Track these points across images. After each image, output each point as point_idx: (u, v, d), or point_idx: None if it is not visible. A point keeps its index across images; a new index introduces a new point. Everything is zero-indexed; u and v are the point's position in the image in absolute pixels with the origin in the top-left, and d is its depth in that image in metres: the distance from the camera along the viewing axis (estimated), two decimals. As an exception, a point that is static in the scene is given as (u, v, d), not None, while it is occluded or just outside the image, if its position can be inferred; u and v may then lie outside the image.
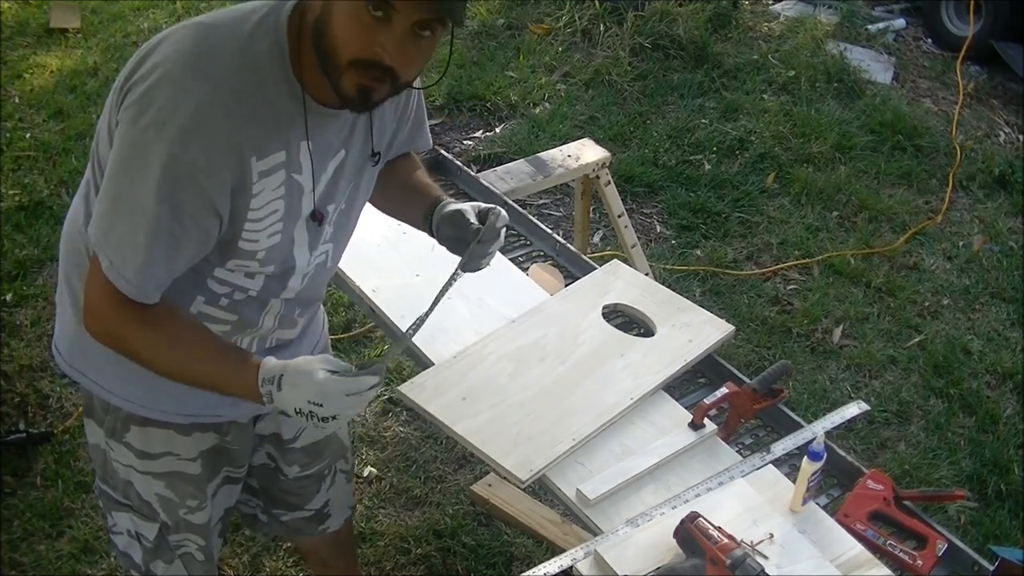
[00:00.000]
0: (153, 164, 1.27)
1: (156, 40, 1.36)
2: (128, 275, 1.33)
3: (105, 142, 1.38)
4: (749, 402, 1.83)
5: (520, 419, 1.78)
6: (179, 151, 1.27)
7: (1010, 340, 3.46)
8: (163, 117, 1.27)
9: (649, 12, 4.93)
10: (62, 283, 1.57)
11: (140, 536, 1.72)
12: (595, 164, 2.84)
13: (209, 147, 1.29)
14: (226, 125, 1.30)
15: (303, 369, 1.38)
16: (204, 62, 1.30)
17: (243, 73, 1.31)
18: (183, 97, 1.28)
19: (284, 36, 1.34)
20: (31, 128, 4.12)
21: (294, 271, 1.51)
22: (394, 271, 2.14)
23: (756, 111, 4.56)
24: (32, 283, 3.32)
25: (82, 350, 1.55)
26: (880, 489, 1.73)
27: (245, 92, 1.31)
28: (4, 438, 2.74)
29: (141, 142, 1.28)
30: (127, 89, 1.33)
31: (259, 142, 1.34)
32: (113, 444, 1.63)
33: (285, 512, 1.94)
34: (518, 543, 2.60)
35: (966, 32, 5.26)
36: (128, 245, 1.32)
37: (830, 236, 3.89)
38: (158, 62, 1.31)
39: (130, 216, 1.31)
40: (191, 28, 1.34)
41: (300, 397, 1.37)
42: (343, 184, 1.51)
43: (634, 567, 1.54)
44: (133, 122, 1.29)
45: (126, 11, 5.06)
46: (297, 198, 1.43)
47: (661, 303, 2.09)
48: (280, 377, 1.38)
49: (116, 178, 1.32)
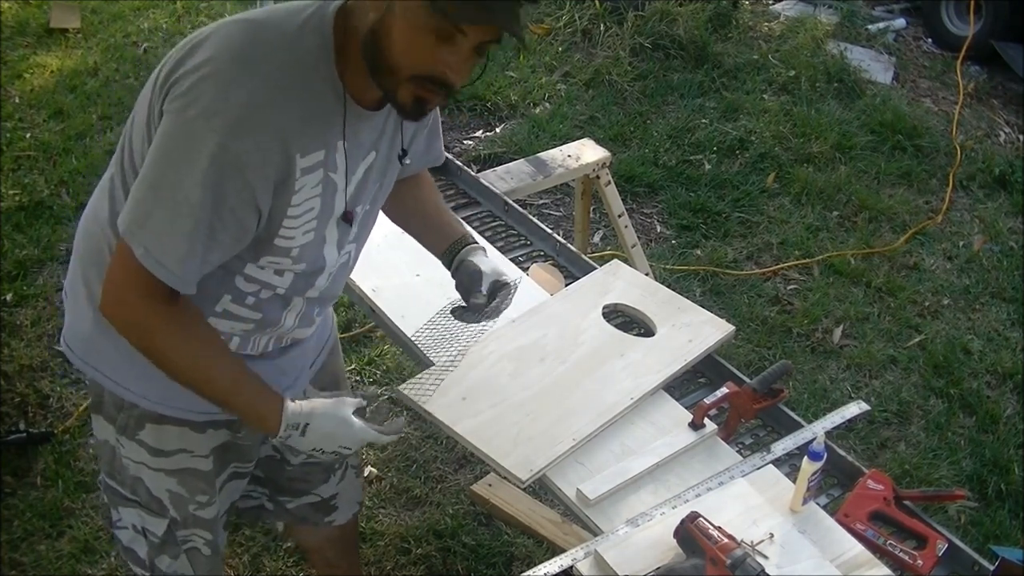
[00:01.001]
0: (201, 154, 1.28)
1: (202, 35, 1.36)
2: (169, 263, 1.33)
3: (141, 135, 1.38)
4: (749, 402, 1.83)
5: (520, 419, 1.78)
6: (229, 141, 1.28)
7: (1010, 340, 3.46)
8: (214, 109, 1.28)
9: (649, 12, 4.93)
10: (77, 280, 1.57)
11: (147, 531, 1.72)
12: (595, 164, 2.84)
13: (259, 141, 1.30)
14: (275, 120, 1.31)
15: (339, 417, 1.51)
16: (254, 57, 1.31)
17: (292, 70, 1.33)
18: (234, 90, 1.29)
19: (330, 35, 1.35)
20: (31, 128, 4.11)
21: (323, 270, 1.53)
22: (394, 271, 2.14)
23: (756, 111, 4.56)
24: (32, 283, 3.32)
25: (98, 347, 1.55)
26: (880, 489, 1.73)
27: (293, 89, 1.33)
28: (4, 438, 2.74)
29: (189, 132, 1.29)
30: (172, 82, 1.32)
31: (304, 139, 1.35)
32: (124, 441, 1.63)
33: (291, 499, 1.94)
34: (518, 543, 2.60)
35: (966, 32, 5.26)
36: (169, 234, 1.32)
37: (830, 236, 3.89)
38: (208, 57, 1.31)
39: (172, 205, 1.30)
40: (239, 24, 1.35)
41: (330, 443, 1.51)
42: (371, 185, 1.53)
43: (634, 567, 1.54)
44: (180, 112, 1.29)
45: (126, 11, 5.06)
46: (331, 196, 1.45)
47: (661, 303, 2.09)
48: (306, 425, 1.48)
49: (158, 167, 1.31)
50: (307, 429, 1.48)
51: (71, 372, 3.01)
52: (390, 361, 3.11)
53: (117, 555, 2.49)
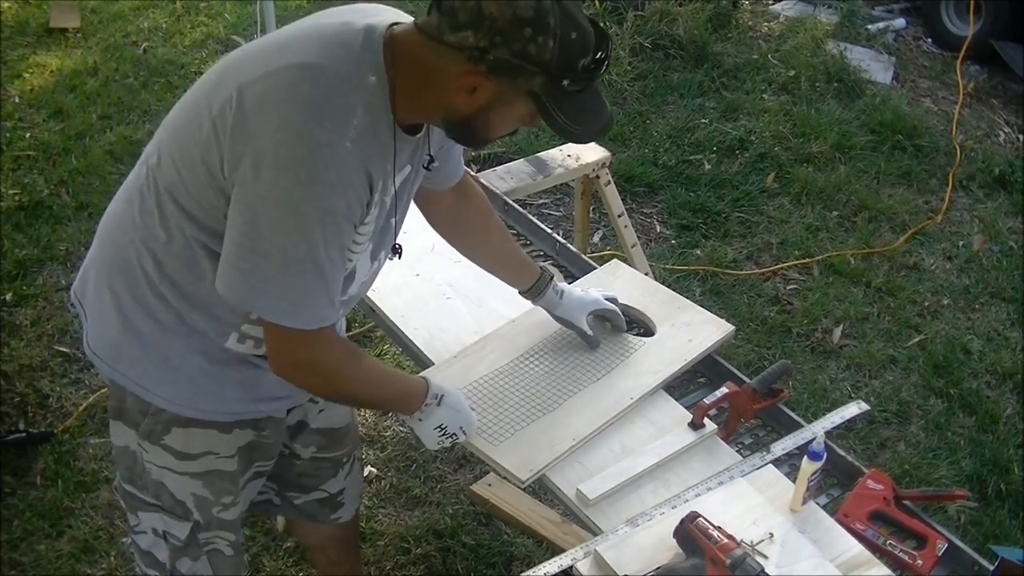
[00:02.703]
0: (310, 219, 1.33)
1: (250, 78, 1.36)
2: (313, 311, 1.40)
3: (196, 172, 1.40)
4: (749, 402, 1.83)
5: (520, 419, 1.78)
6: (331, 203, 1.34)
7: (1010, 340, 3.46)
8: (309, 175, 1.31)
9: (649, 12, 4.93)
10: (102, 287, 1.57)
11: (168, 535, 1.72)
12: (595, 164, 2.84)
13: (355, 192, 1.37)
14: (362, 167, 1.36)
15: (462, 403, 1.71)
16: (327, 110, 1.33)
17: (361, 113, 1.36)
18: (321, 152, 1.31)
19: (383, 71, 1.38)
20: (31, 128, 4.12)
21: (354, 278, 1.55)
22: (394, 270, 2.14)
23: (756, 111, 4.56)
24: (32, 283, 3.32)
25: (127, 352, 1.56)
26: (880, 489, 1.73)
27: (366, 131, 1.37)
28: (4, 438, 2.74)
29: (291, 203, 1.32)
30: (249, 144, 1.33)
31: (377, 175, 1.41)
32: (147, 446, 1.63)
33: (299, 495, 1.95)
34: (518, 543, 2.59)
35: (966, 32, 5.26)
36: (304, 294, 1.38)
37: (830, 236, 3.89)
38: (280, 115, 1.32)
39: (299, 270, 1.36)
40: (298, 72, 1.35)
41: (454, 421, 1.68)
42: (406, 197, 1.57)
43: (634, 567, 1.54)
44: (272, 182, 1.31)
45: (126, 11, 5.06)
46: (384, 217, 1.51)
47: (661, 303, 2.09)
48: (442, 397, 1.66)
49: (270, 239, 1.34)
50: (443, 400, 1.66)
51: (71, 372, 3.01)
52: (390, 361, 3.11)
53: (117, 555, 2.49)
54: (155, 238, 1.48)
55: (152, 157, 1.49)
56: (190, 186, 1.42)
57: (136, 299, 1.52)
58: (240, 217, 1.35)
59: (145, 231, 1.49)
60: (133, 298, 1.52)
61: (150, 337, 1.53)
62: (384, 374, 1.66)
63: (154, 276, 1.50)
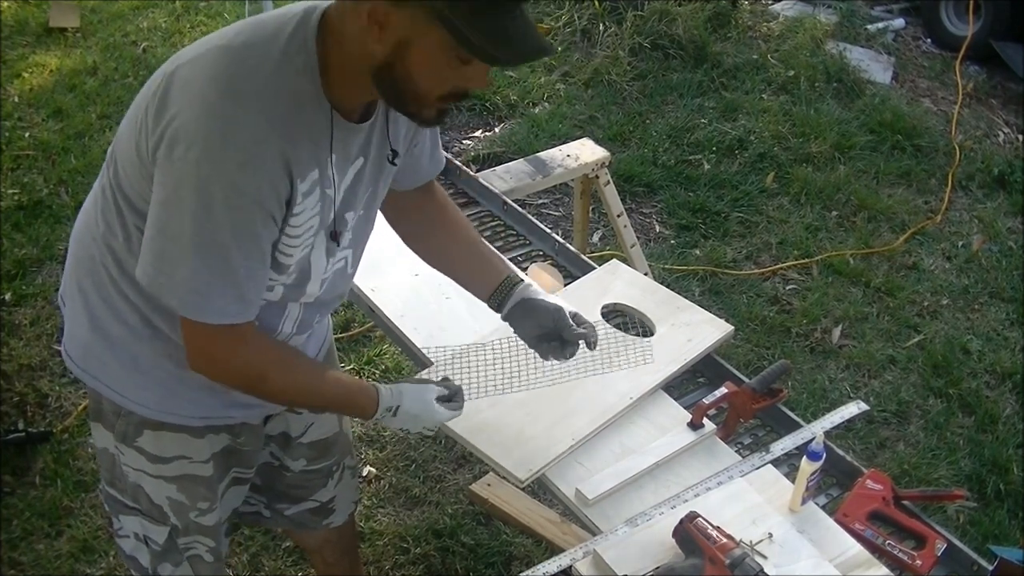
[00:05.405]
0: (215, 199, 1.28)
1: (180, 63, 1.34)
2: (227, 306, 1.36)
3: (132, 161, 1.37)
4: (748, 402, 1.83)
5: (520, 419, 1.78)
6: (240, 181, 1.28)
7: (1009, 340, 3.46)
8: (218, 153, 1.27)
9: (649, 12, 4.93)
10: (72, 287, 1.57)
11: (148, 539, 1.71)
12: (594, 164, 2.84)
13: (269, 173, 1.31)
14: (278, 151, 1.31)
15: (424, 400, 1.62)
16: (245, 88, 1.29)
17: (283, 96, 1.32)
18: (234, 130, 1.28)
19: (315, 53, 1.34)
20: (30, 127, 4.12)
21: (310, 278, 1.52)
22: (393, 270, 2.14)
23: (755, 111, 4.56)
24: (31, 282, 3.32)
25: (96, 354, 1.55)
26: (879, 489, 1.73)
27: (288, 115, 1.32)
28: (3, 437, 2.73)
29: (198, 179, 1.27)
30: (167, 120, 1.30)
31: (302, 163, 1.36)
32: (123, 448, 1.62)
33: (289, 506, 1.94)
34: (517, 543, 2.59)
35: (965, 32, 5.26)
36: (211, 283, 1.33)
37: (829, 236, 3.89)
38: (195, 92, 1.29)
39: (204, 255, 1.31)
40: (221, 52, 1.33)
41: (415, 425, 1.63)
42: (361, 191, 1.52)
43: (633, 567, 1.54)
44: (183, 159, 1.28)
45: (125, 10, 5.06)
46: (328, 211, 1.45)
47: (660, 303, 2.09)
48: (397, 407, 1.59)
49: (179, 219, 1.30)
50: (398, 411, 1.59)
51: (70, 372, 3.01)
52: (389, 361, 3.11)
53: (116, 555, 2.49)
54: (114, 236, 1.46)
55: (110, 154, 1.47)
56: (132, 179, 1.39)
57: (103, 299, 1.51)
58: (155, 197, 1.32)
59: (106, 229, 1.46)
60: (101, 299, 1.51)
61: (119, 340, 1.52)
62: (325, 385, 1.56)
63: (116, 275, 1.48)
